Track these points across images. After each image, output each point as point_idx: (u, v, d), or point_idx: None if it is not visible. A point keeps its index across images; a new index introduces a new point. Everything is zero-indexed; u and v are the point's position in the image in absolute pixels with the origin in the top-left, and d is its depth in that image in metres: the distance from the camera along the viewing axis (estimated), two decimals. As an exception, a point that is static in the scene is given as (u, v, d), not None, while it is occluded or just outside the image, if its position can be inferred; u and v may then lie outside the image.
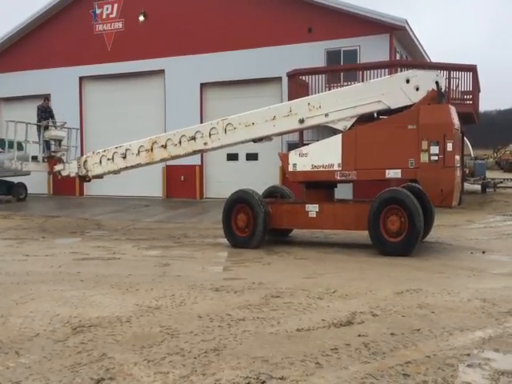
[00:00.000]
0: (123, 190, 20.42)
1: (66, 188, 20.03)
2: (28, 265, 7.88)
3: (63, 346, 4.20)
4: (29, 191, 20.08)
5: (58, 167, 13.65)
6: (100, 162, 12.04)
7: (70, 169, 12.97)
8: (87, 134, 22.22)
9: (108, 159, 11.87)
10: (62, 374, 3.67)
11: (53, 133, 18.24)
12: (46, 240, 10.76)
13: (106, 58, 21.18)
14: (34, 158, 16.23)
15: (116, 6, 21.25)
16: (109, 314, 5.09)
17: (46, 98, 19.20)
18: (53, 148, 18.22)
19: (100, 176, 12.78)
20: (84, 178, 12.82)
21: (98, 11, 21.58)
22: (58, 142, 18.67)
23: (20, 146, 17.70)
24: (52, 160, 15.63)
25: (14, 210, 16.61)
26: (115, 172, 12.15)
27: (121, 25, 21.22)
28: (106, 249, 9.43)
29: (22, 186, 19.72)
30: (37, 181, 19.69)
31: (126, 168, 11.81)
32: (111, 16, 21.42)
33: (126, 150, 11.52)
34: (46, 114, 18.54)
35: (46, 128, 18.11)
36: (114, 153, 11.75)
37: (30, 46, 22.93)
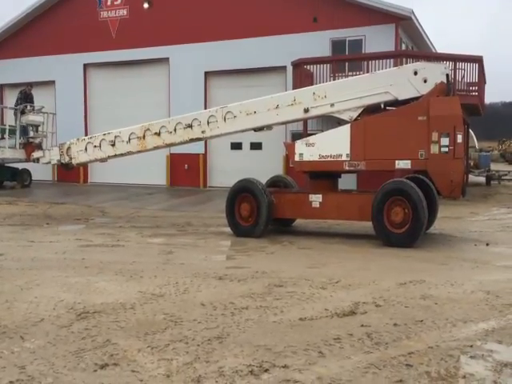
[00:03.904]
0: (127, 178, 20.44)
1: (71, 175, 20.00)
2: (33, 251, 7.92)
3: (67, 332, 4.24)
4: (33, 178, 20.12)
5: (36, 154, 13.00)
6: (85, 149, 11.47)
7: (50, 156, 12.32)
8: (91, 121, 22.19)
9: (95, 146, 11.34)
10: (66, 359, 3.70)
11: (30, 117, 18.06)
12: (51, 226, 10.80)
13: (110, 45, 21.08)
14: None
15: (121, -8, 21.12)
16: (113, 300, 5.12)
17: (30, 84, 19.16)
18: (31, 134, 18.14)
19: (85, 164, 12.27)
20: (66, 166, 12.15)
21: (102, -2, 21.45)
22: (35, 127, 18.55)
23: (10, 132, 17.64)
24: (29, 146, 15.19)
25: (18, 196, 16.65)
26: (102, 160, 11.66)
27: (125, 12, 21.09)
28: (110, 236, 9.46)
29: (27, 172, 19.74)
30: (41, 167, 19.70)
31: (115, 156, 11.33)
32: (116, 3, 21.27)
33: (116, 137, 11.05)
34: (26, 100, 18.46)
35: (23, 113, 17.96)
36: (102, 140, 11.24)
37: (34, 33, 22.82)
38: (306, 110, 9.50)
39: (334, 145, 9.12)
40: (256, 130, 10.11)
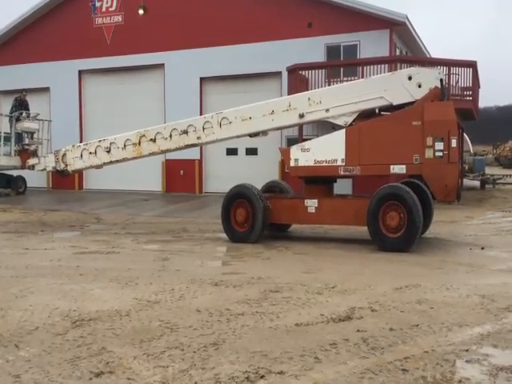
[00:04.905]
0: (122, 184, 20.41)
1: (66, 182, 19.99)
2: (27, 258, 7.88)
3: (63, 340, 4.21)
4: (28, 185, 20.05)
5: (31, 161, 12.97)
6: (81, 155, 11.47)
7: (46, 163, 12.29)
8: (86, 127, 22.18)
9: (90, 153, 11.33)
10: (61, 367, 3.68)
11: (25, 125, 18.09)
12: (46, 234, 10.75)
13: (105, 51, 21.10)
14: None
15: (115, -1, 21.16)
16: (108, 307, 5.10)
17: (24, 90, 19.15)
18: (26, 141, 18.12)
19: (80, 171, 12.25)
20: (62, 173, 12.11)
21: (97, 4, 21.47)
22: (31, 134, 18.55)
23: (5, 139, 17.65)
24: (25, 154, 15.14)
25: (13, 204, 16.58)
26: (98, 167, 11.66)
27: (120, 18, 21.13)
28: (105, 243, 9.43)
29: (22, 179, 19.67)
30: (36, 174, 19.65)
31: (111, 162, 11.33)
32: (110, 9, 21.32)
33: (111, 143, 11.05)
34: (21, 107, 18.48)
35: (18, 120, 17.96)
36: (97, 146, 11.24)
37: (29, 39, 22.83)
38: (301, 116, 9.53)
39: (329, 150, 9.15)
40: (251, 135, 10.13)
